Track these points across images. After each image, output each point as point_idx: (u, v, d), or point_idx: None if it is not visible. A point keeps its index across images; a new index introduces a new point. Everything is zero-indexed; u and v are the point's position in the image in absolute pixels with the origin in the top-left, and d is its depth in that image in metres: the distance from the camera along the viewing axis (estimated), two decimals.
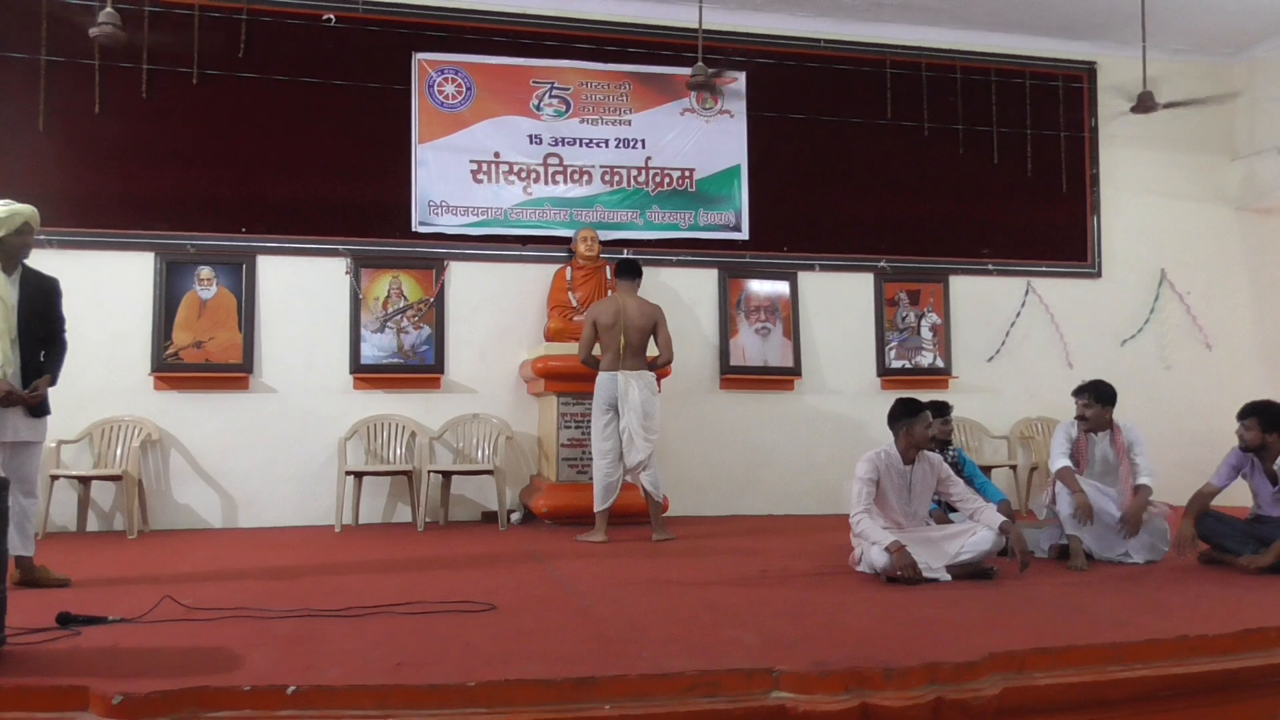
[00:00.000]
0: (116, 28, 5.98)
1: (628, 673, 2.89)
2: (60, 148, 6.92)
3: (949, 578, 4.60)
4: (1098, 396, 5.42)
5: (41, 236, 6.78)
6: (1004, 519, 4.77)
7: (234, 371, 7.08)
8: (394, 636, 3.48)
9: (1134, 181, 8.77)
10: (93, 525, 6.82)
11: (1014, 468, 8.00)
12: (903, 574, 4.48)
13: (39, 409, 4.60)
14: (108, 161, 6.98)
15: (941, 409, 5.81)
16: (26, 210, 4.60)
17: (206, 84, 7.14)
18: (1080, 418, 5.46)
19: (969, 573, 4.67)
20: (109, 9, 5.94)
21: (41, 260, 6.89)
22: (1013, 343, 8.43)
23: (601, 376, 6.22)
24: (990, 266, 8.46)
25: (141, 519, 6.68)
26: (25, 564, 4.56)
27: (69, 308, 6.97)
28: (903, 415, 4.89)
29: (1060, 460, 5.37)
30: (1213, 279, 8.84)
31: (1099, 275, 8.67)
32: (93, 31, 6.00)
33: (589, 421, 6.57)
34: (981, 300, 8.42)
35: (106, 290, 6.93)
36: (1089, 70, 8.73)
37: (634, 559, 5.47)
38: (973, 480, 5.71)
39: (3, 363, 4.48)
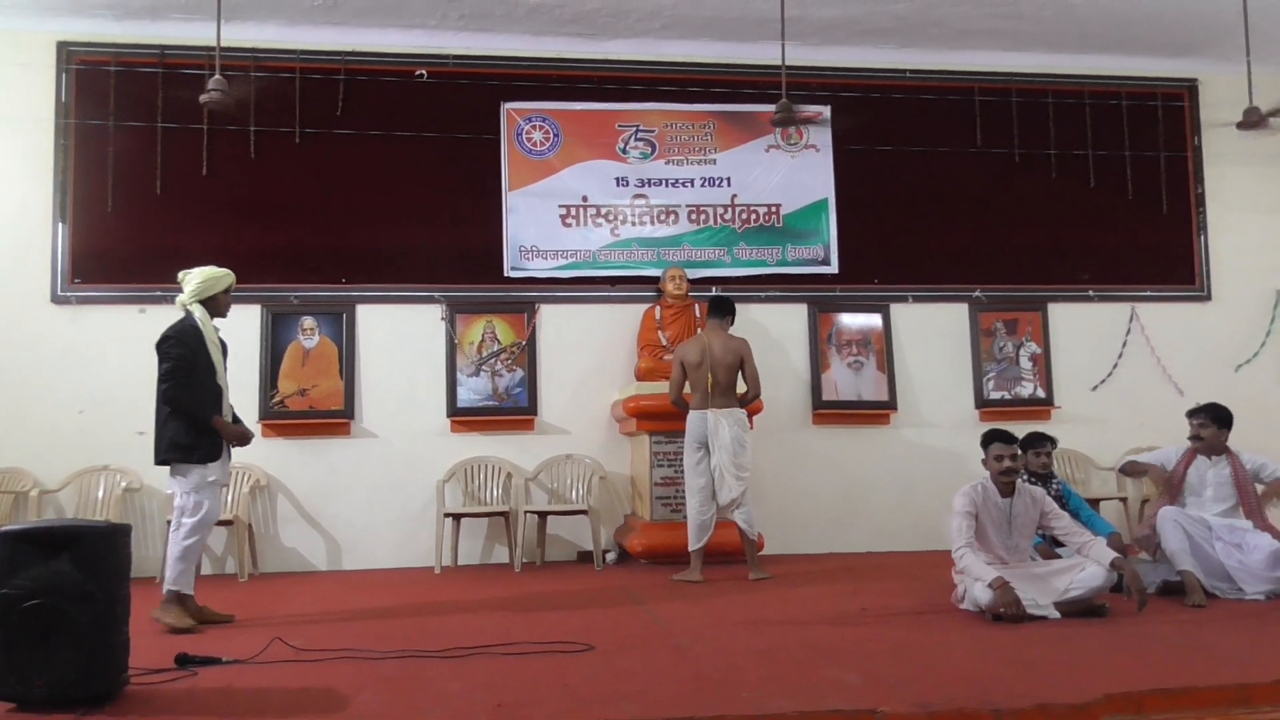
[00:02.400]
0: (225, 94, 6.30)
1: (728, 714, 2.86)
2: (175, 209, 7.28)
3: (1057, 615, 4.44)
4: (1215, 417, 5.28)
5: (158, 293, 7.18)
6: (1115, 554, 4.59)
7: (336, 418, 7.30)
8: (494, 677, 3.52)
9: (1243, 199, 8.43)
10: (206, 569, 7.06)
11: (1124, 500, 7.70)
12: (1005, 611, 4.34)
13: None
14: (217, 219, 7.32)
15: (1036, 441, 5.64)
16: (230, 273, 5.10)
17: (307, 142, 7.46)
18: (1195, 437, 5.30)
19: (1079, 610, 4.50)
20: (218, 76, 6.27)
21: (160, 317, 7.28)
22: (1118, 370, 8.15)
23: (692, 415, 6.22)
24: (1091, 293, 8.22)
25: (251, 562, 6.91)
26: (190, 603, 4.84)
27: None
28: (983, 445, 4.79)
29: (1131, 457, 5.53)
30: None
31: (1208, 298, 8.33)
32: (203, 98, 6.33)
33: (681, 460, 6.56)
34: (1083, 328, 8.17)
35: None
36: (1189, 88, 8.47)
37: (731, 598, 5.42)
38: (1079, 514, 5.51)
39: (225, 410, 4.97)
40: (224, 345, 5.09)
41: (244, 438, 5.04)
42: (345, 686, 3.39)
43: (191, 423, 4.80)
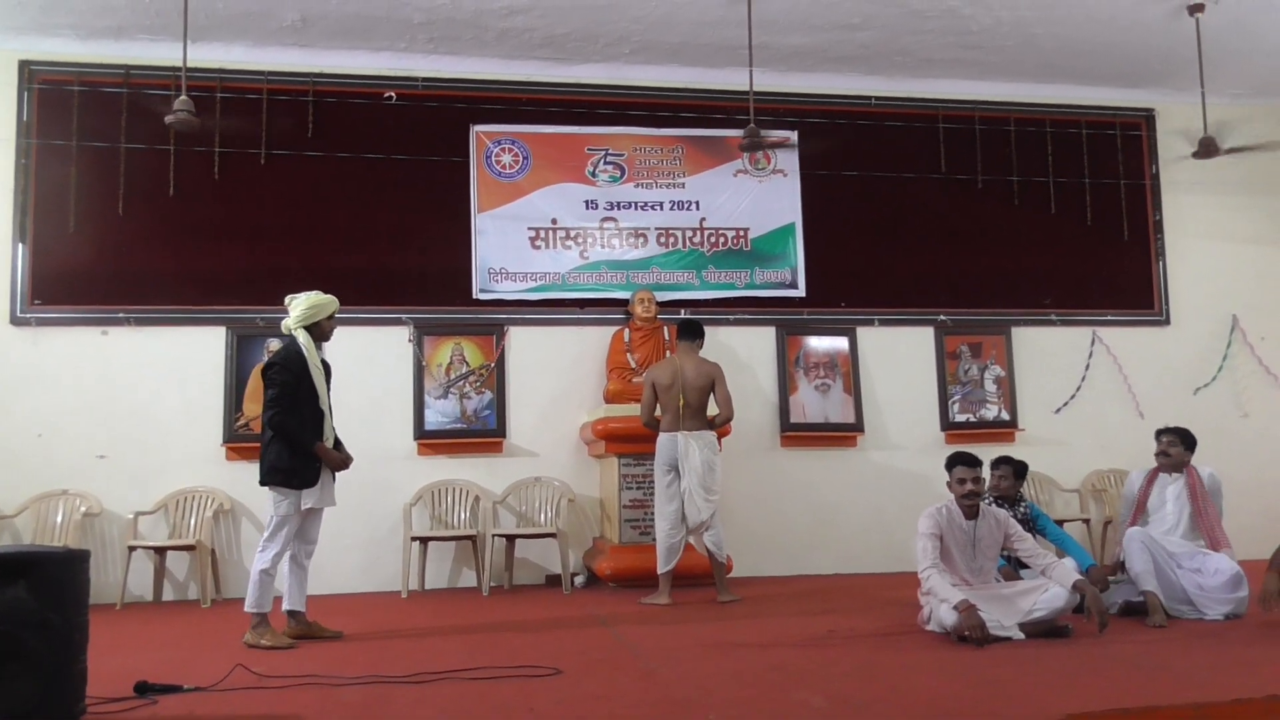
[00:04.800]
0: (190, 114, 6.25)
1: None
2: (138, 230, 7.21)
3: (1022, 636, 4.48)
4: (1183, 439, 5.48)
5: (120, 314, 7.10)
6: (1078, 576, 4.63)
7: None
8: (460, 702, 3.50)
9: (1200, 226, 8.61)
10: (168, 595, 6.97)
11: (1086, 521, 7.79)
12: (970, 635, 4.37)
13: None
14: (182, 241, 7.25)
15: (995, 463, 5.69)
16: (335, 299, 5.19)
17: (274, 163, 7.43)
18: (1163, 454, 5.47)
19: (1043, 631, 4.54)
20: (184, 97, 6.23)
21: (121, 338, 7.20)
22: (1081, 393, 8.26)
23: (662, 437, 6.23)
24: (1053, 317, 8.34)
25: (214, 588, 6.82)
26: (300, 618, 5.02)
27: (147, 383, 7.27)
28: (947, 468, 4.85)
29: (1126, 525, 5.51)
30: None
31: (1167, 323, 8.48)
32: (168, 119, 6.28)
33: (650, 482, 6.58)
34: (1046, 351, 8.29)
35: (181, 365, 7.17)
36: (1147, 117, 8.65)
37: (699, 621, 5.42)
38: (1061, 543, 5.54)
39: (327, 434, 5.04)
40: (328, 368, 5.22)
41: (344, 464, 5.12)
42: (309, 713, 3.35)
43: (293, 448, 4.91)
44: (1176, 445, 5.46)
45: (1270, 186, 8.69)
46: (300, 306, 5.10)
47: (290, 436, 4.92)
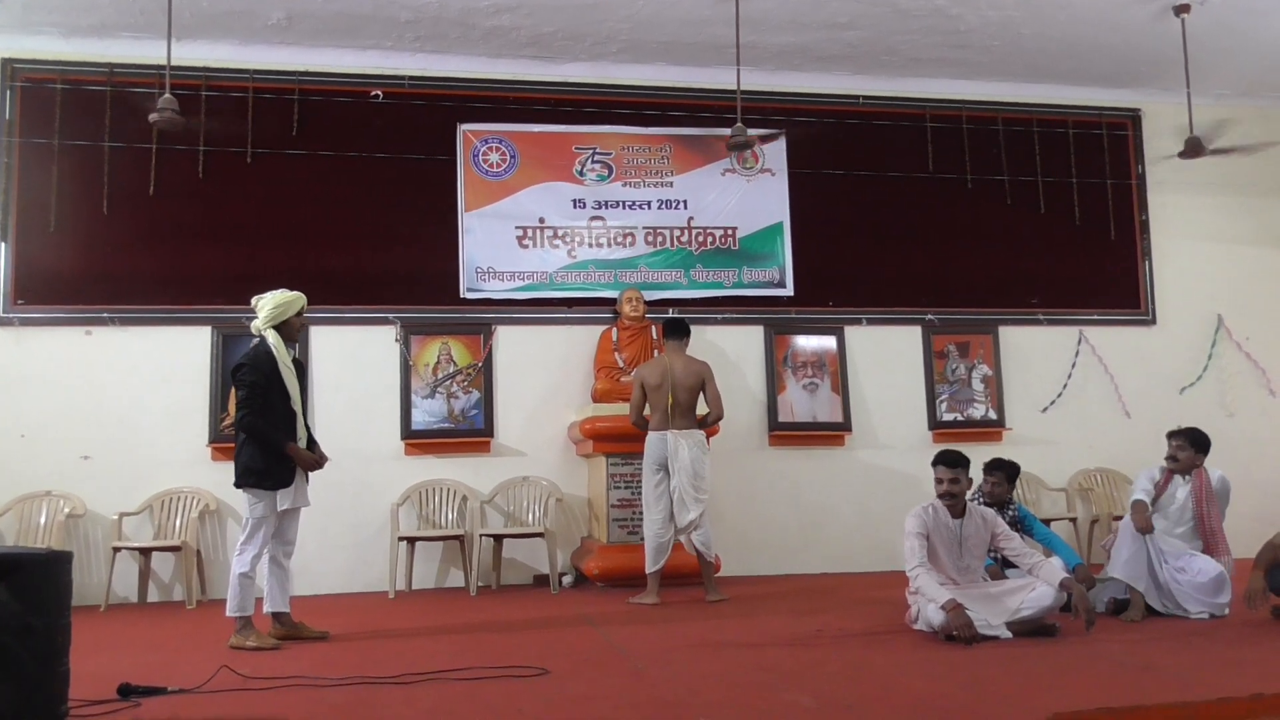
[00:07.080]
0: (175, 113, 6.19)
1: None
2: (122, 229, 7.16)
3: (1009, 635, 4.49)
4: (1193, 441, 5.44)
5: (104, 314, 7.06)
6: (1065, 575, 4.65)
7: None
8: (447, 703, 3.48)
9: (1185, 227, 8.65)
10: (153, 596, 6.92)
11: (1074, 520, 7.81)
12: (958, 634, 4.38)
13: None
14: (166, 241, 7.21)
15: (988, 468, 5.69)
16: (301, 295, 5.14)
17: (260, 162, 7.38)
18: (1172, 458, 5.44)
19: (1030, 629, 4.56)
20: (168, 95, 6.18)
21: (105, 338, 7.16)
22: (1067, 393, 8.29)
23: (651, 436, 6.22)
24: (1041, 316, 8.36)
25: (200, 589, 6.77)
26: (285, 619, 5.01)
27: (132, 384, 7.22)
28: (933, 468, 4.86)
29: (1139, 494, 5.37)
30: (1273, 323, 8.64)
31: (1153, 323, 8.52)
32: (152, 117, 6.22)
33: (639, 482, 6.56)
34: (1033, 351, 8.31)
35: (166, 365, 7.12)
36: (1133, 117, 8.68)
37: (687, 621, 5.42)
38: (1048, 542, 5.55)
39: (300, 433, 5.01)
40: (301, 366, 5.18)
41: (316, 464, 5.09)
42: (294, 714, 3.33)
43: (266, 449, 4.88)
44: (1186, 449, 5.39)
45: (1255, 187, 8.74)
46: (267, 306, 5.05)
47: (262, 437, 4.89)
